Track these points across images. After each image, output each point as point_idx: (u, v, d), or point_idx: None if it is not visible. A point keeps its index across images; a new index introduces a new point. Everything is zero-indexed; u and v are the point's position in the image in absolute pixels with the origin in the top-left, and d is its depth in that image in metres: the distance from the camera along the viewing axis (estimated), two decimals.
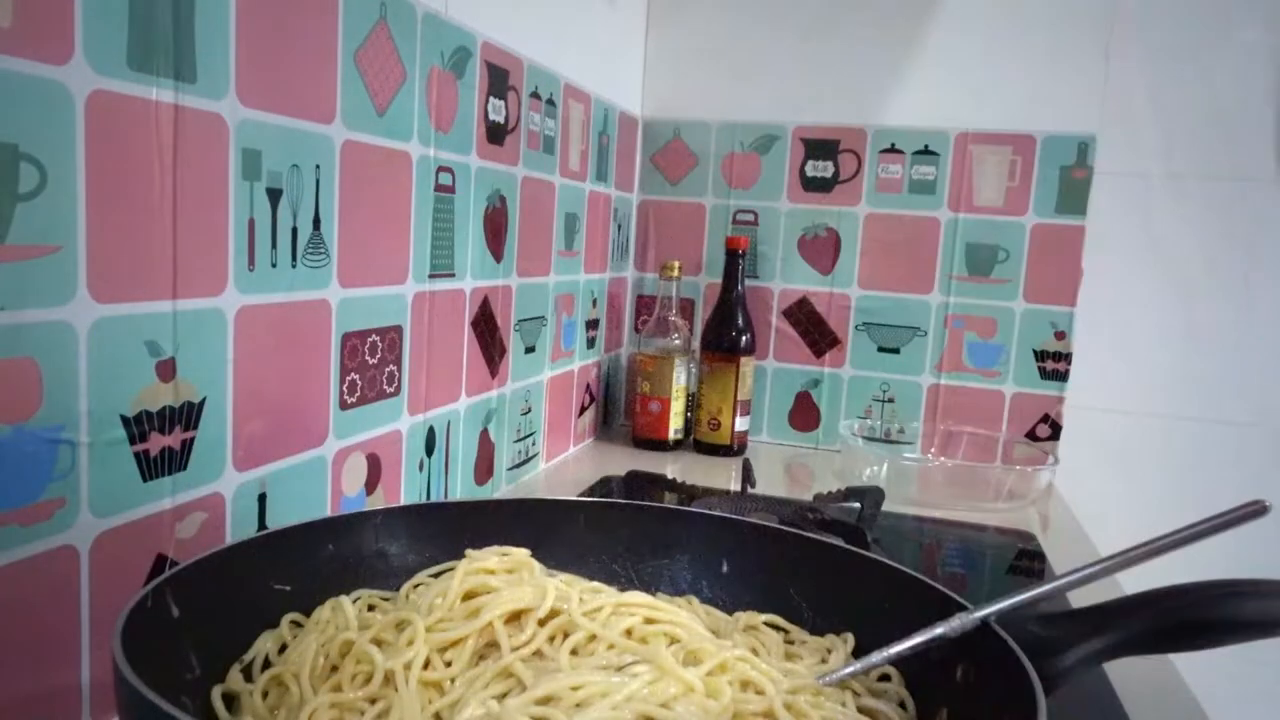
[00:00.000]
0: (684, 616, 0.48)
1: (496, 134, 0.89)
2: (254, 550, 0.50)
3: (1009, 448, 1.23)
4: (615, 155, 1.24)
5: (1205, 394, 1.20)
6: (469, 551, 0.53)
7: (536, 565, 0.52)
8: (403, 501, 0.79)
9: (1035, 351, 1.24)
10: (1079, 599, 0.56)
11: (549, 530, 0.59)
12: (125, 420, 0.50)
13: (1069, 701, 0.43)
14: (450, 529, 0.57)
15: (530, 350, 1.02)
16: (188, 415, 0.55)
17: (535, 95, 0.97)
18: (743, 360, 1.23)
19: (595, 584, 0.54)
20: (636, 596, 0.49)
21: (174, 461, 0.54)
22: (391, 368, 0.75)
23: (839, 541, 0.59)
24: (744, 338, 1.23)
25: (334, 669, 0.45)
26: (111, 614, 0.39)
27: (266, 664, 0.47)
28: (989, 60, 1.22)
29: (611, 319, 1.30)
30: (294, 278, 0.63)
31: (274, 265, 0.60)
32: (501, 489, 0.99)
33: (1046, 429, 1.24)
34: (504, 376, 0.96)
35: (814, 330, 1.31)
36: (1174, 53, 1.16)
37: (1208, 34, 1.15)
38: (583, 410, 1.22)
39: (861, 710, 0.45)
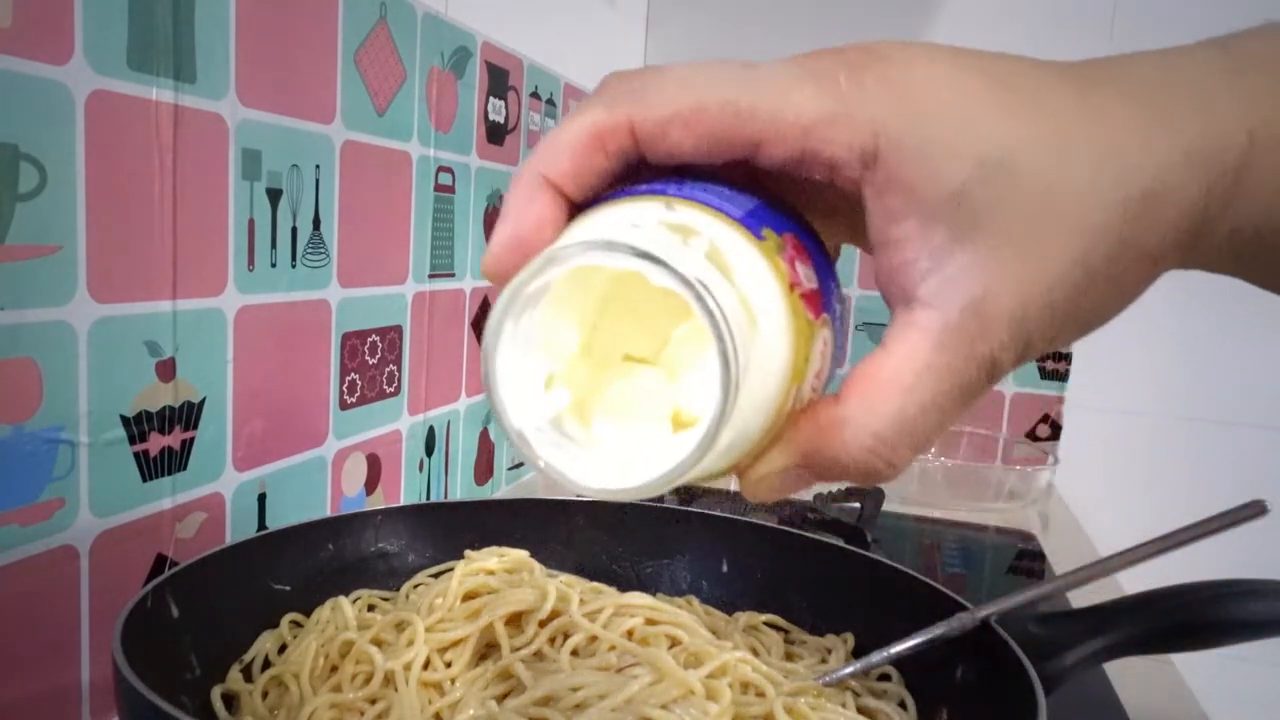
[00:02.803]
0: (685, 618, 0.48)
1: (496, 134, 0.89)
2: (254, 550, 0.49)
3: (1009, 448, 1.23)
4: None
5: (1205, 394, 1.20)
6: (468, 552, 0.53)
7: (537, 566, 0.52)
8: (403, 501, 0.79)
9: None
10: (1079, 599, 0.56)
11: (549, 530, 0.59)
12: (125, 420, 0.50)
13: (1069, 701, 0.43)
14: (450, 529, 0.57)
15: None
16: (187, 415, 0.55)
17: (535, 95, 0.97)
18: None
19: (596, 585, 0.54)
20: (637, 598, 0.49)
21: (174, 461, 0.54)
22: (391, 367, 0.75)
23: (839, 541, 0.59)
24: None
25: (334, 669, 0.45)
26: (111, 614, 0.39)
27: (266, 664, 0.47)
28: None
29: None
30: (294, 278, 0.62)
31: (274, 265, 0.60)
32: (501, 489, 0.99)
33: (1046, 429, 1.24)
34: None
35: None
36: None
37: (1207, 34, 1.15)
38: None
39: (861, 710, 0.45)
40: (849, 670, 0.46)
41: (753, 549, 0.58)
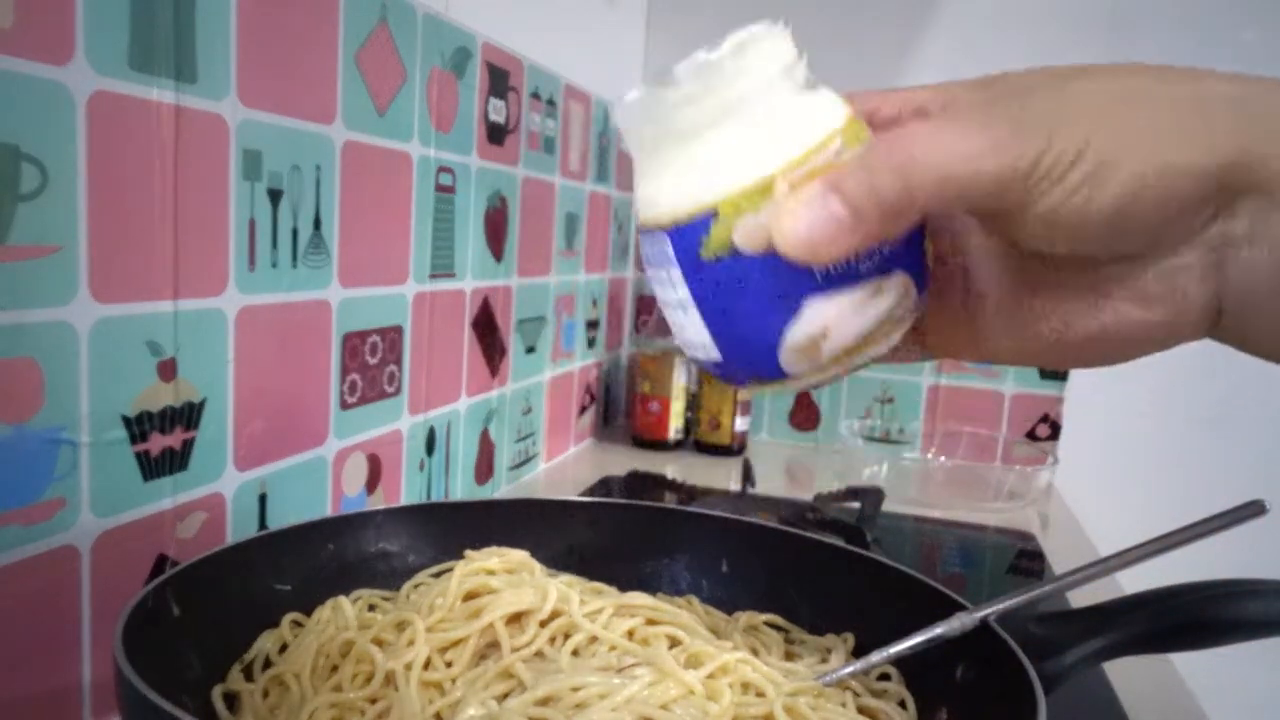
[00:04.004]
0: (686, 618, 0.48)
1: (497, 134, 0.89)
2: (254, 550, 0.50)
3: (1009, 448, 1.23)
4: (616, 155, 1.24)
5: (1205, 394, 1.20)
6: (468, 552, 0.53)
7: (537, 566, 0.52)
8: (403, 501, 0.79)
9: None
10: (1079, 599, 0.56)
11: (549, 530, 0.59)
12: (126, 420, 0.50)
13: (1069, 701, 0.43)
14: (450, 529, 0.57)
15: (530, 350, 1.02)
16: (188, 415, 0.55)
17: (535, 96, 0.97)
18: None
19: (597, 584, 0.54)
20: (638, 598, 0.49)
21: (174, 461, 0.54)
22: (392, 368, 0.75)
23: (839, 541, 0.59)
24: None
25: (334, 669, 0.45)
26: (112, 614, 0.39)
27: (267, 663, 0.47)
28: (988, 61, 1.21)
29: (612, 319, 1.30)
30: (294, 278, 0.63)
31: (274, 265, 0.60)
32: (502, 489, 0.99)
33: (1046, 429, 1.24)
34: (504, 376, 0.96)
35: None
36: (1173, 53, 1.16)
37: (1206, 34, 1.15)
38: (583, 410, 1.22)
39: (861, 710, 0.45)
40: (849, 670, 0.46)
41: (753, 549, 0.58)
